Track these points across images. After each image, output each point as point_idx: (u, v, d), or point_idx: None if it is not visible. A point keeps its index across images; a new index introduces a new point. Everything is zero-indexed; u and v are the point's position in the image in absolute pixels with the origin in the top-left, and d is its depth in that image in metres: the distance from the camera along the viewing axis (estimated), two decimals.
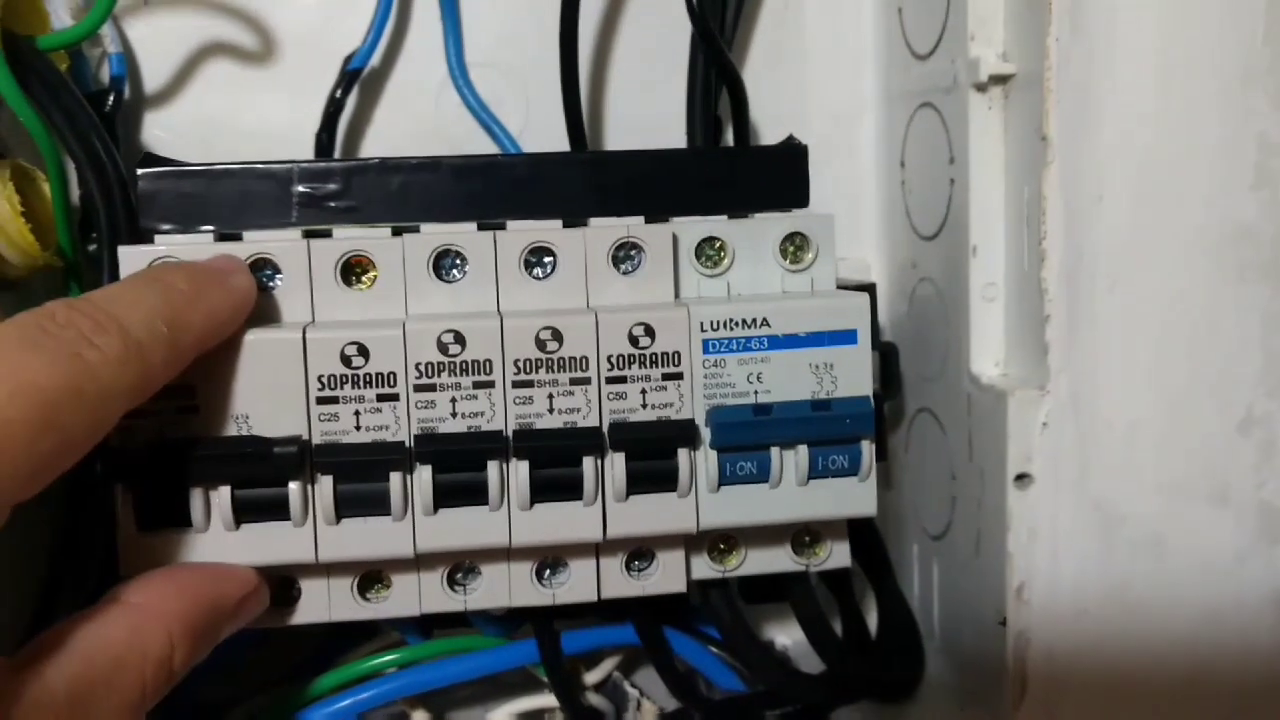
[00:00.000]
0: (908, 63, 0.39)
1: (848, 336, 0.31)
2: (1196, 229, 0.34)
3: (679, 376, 0.30)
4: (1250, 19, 0.34)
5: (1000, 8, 0.35)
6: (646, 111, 0.41)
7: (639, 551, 0.32)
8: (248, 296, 0.29)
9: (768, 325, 0.30)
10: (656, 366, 0.30)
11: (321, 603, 0.31)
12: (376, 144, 0.40)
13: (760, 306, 0.30)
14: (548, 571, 0.32)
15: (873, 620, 0.41)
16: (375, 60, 0.40)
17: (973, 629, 0.37)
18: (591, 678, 0.38)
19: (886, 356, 0.39)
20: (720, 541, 0.33)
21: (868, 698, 0.38)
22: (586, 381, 0.30)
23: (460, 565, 0.32)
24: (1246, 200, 0.34)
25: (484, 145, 0.40)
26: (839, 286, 0.37)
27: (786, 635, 0.43)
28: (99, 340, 0.24)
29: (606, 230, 0.31)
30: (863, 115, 0.43)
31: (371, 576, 0.31)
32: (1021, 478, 0.34)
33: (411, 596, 0.31)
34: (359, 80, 0.39)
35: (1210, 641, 0.36)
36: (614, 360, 0.30)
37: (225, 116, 0.39)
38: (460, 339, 0.29)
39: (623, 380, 0.30)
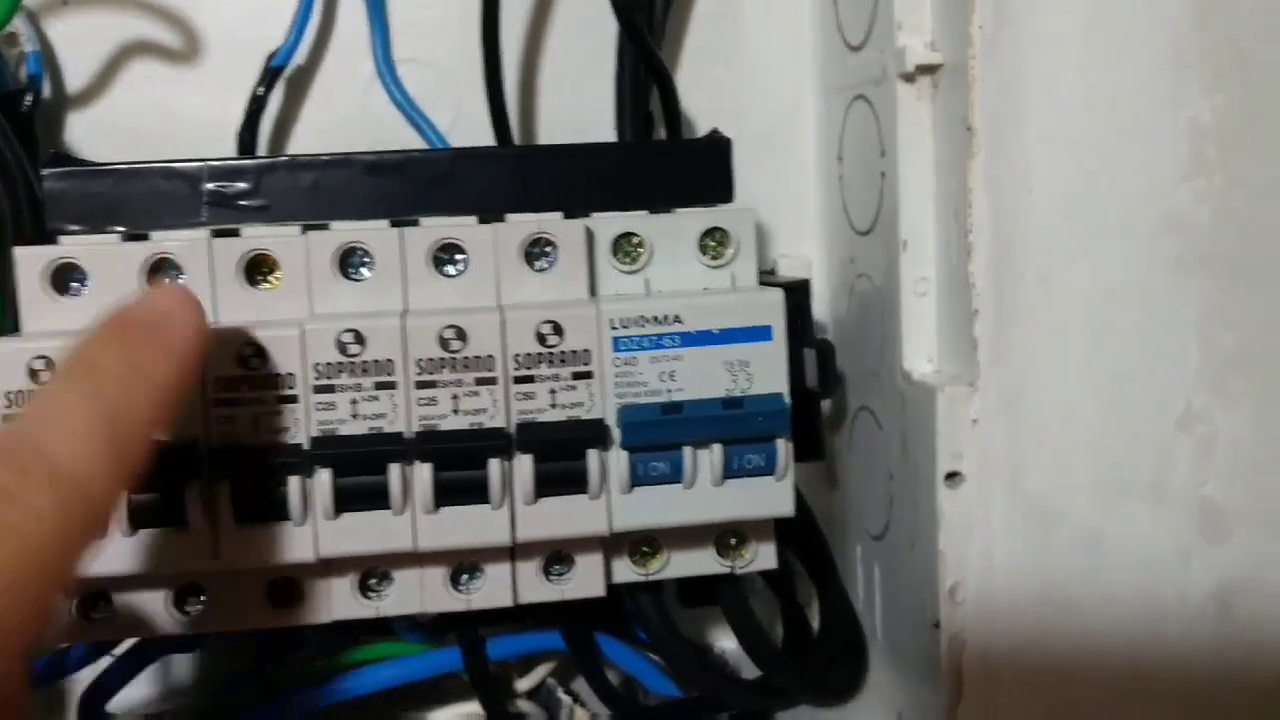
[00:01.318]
0: (843, 54, 0.39)
1: (762, 333, 0.30)
2: (1129, 219, 0.34)
3: (589, 375, 0.29)
4: (1179, 3, 0.33)
5: None
6: (579, 108, 0.40)
7: (557, 555, 0.31)
8: (195, 343, 0.24)
9: (680, 322, 0.30)
10: (565, 365, 0.29)
11: (232, 610, 0.30)
12: (304, 141, 0.40)
13: (672, 303, 0.30)
14: (465, 576, 0.31)
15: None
16: (301, 57, 0.39)
17: (911, 630, 0.36)
18: (523, 684, 0.37)
19: (823, 354, 0.38)
20: (643, 544, 0.32)
21: (805, 702, 0.37)
22: (492, 381, 0.29)
23: (372, 571, 0.31)
24: (1180, 189, 0.34)
25: (413, 142, 0.39)
26: (776, 283, 0.37)
27: (730, 639, 0.42)
28: (25, 493, 0.20)
29: (518, 226, 0.30)
30: (802, 109, 0.42)
31: (282, 584, 0.31)
32: (952, 476, 0.34)
33: (324, 604, 0.31)
34: (284, 77, 0.38)
35: (1151, 640, 0.35)
36: (521, 359, 0.29)
37: (149, 115, 0.39)
38: (360, 338, 0.29)
39: (530, 380, 0.29)
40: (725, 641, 0.42)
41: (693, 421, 0.29)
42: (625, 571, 0.32)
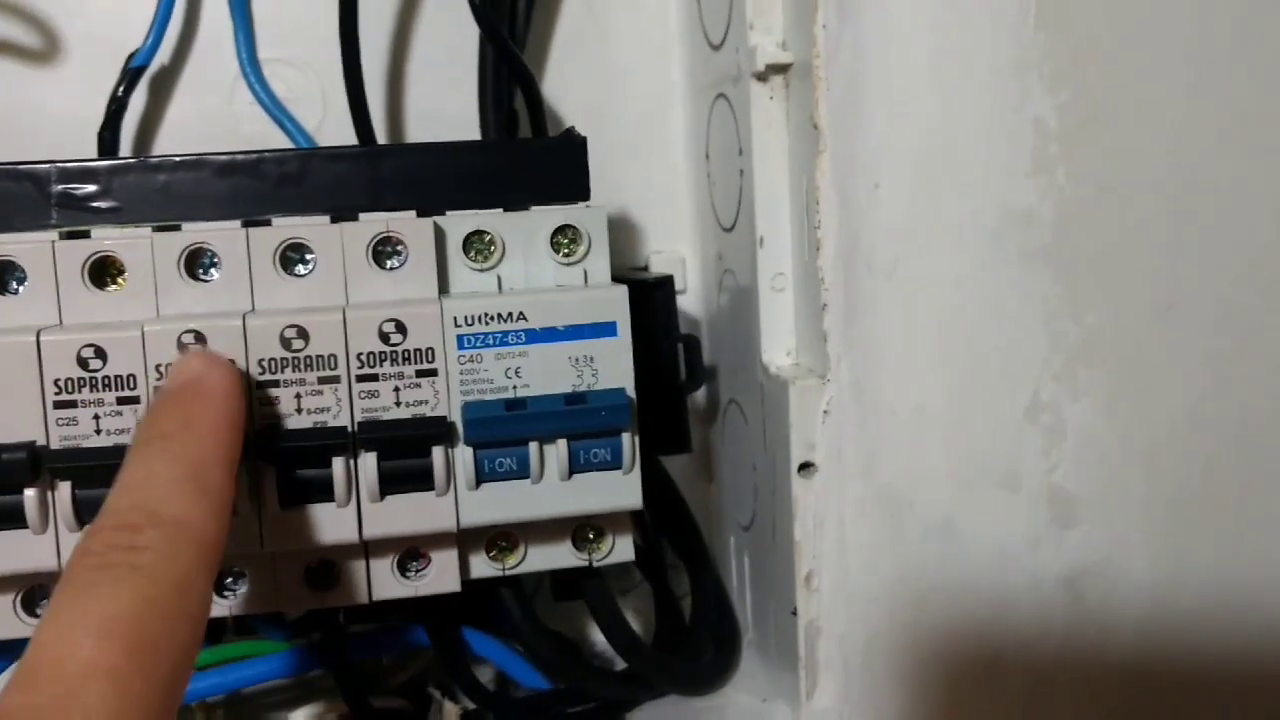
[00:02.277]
0: (706, 53, 0.39)
1: (607, 329, 0.30)
2: (975, 214, 0.34)
3: (433, 373, 0.30)
4: (1022, 4, 0.34)
5: None
6: (447, 107, 0.40)
7: (412, 552, 0.32)
8: (231, 391, 0.27)
9: (525, 319, 0.30)
10: (409, 363, 0.29)
11: None
12: (169, 142, 0.39)
13: (516, 300, 0.30)
14: (320, 575, 0.31)
15: None
16: (165, 57, 0.39)
17: (774, 618, 0.37)
18: (395, 680, 0.37)
19: (689, 348, 0.38)
20: (500, 539, 0.33)
21: (672, 691, 0.38)
22: (335, 380, 0.29)
23: (227, 571, 0.31)
24: (1025, 185, 0.35)
25: (280, 142, 0.39)
26: (643, 279, 0.38)
27: None
28: (141, 542, 0.23)
29: (365, 226, 0.31)
30: (671, 107, 0.42)
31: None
32: (805, 466, 0.34)
33: None
34: (147, 77, 0.38)
35: (1005, 624, 0.36)
36: (364, 358, 0.29)
37: (11, 116, 0.38)
38: (201, 339, 0.29)
39: (374, 378, 0.29)
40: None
41: (536, 417, 0.29)
42: (482, 567, 0.33)
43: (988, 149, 0.34)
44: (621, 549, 0.33)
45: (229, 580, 0.31)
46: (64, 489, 0.28)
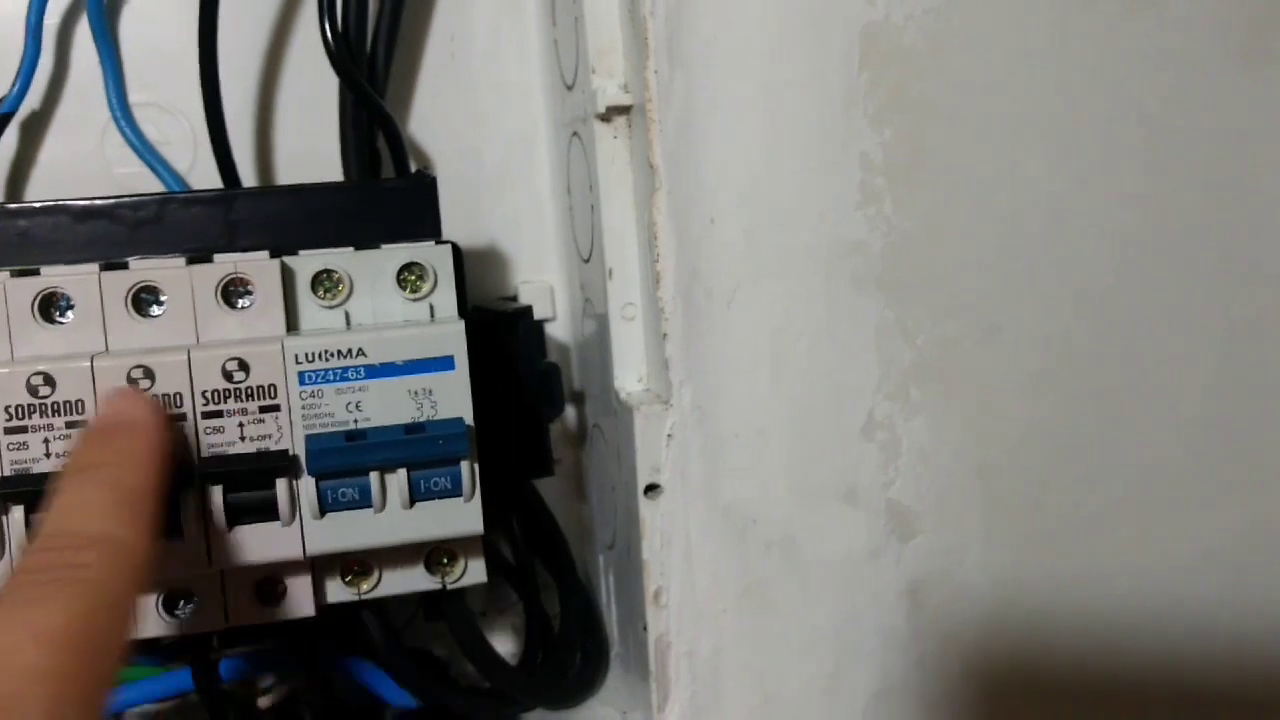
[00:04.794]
0: (562, 93, 0.41)
1: (445, 363, 0.32)
2: (808, 245, 0.36)
3: (276, 409, 0.31)
4: (846, 46, 0.36)
5: (619, 41, 0.37)
6: (315, 148, 0.41)
7: (268, 579, 0.33)
8: (153, 424, 0.29)
9: (364, 355, 0.31)
10: (253, 400, 0.31)
11: None
12: (42, 185, 0.40)
13: (356, 338, 0.31)
14: (181, 601, 0.33)
15: None
16: (35, 102, 0.40)
17: (633, 635, 0.39)
18: (264, 701, 0.39)
19: (549, 375, 0.40)
20: (354, 564, 0.34)
21: (535, 706, 0.39)
22: (182, 418, 0.30)
23: None
24: (854, 217, 0.37)
25: (152, 185, 0.40)
26: (504, 310, 0.39)
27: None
28: (82, 560, 0.25)
29: (214, 268, 0.32)
30: (535, 144, 0.44)
31: None
32: (652, 488, 0.36)
33: None
34: (15, 123, 0.39)
35: (850, 635, 0.38)
36: (209, 395, 0.31)
37: None
38: (50, 380, 0.30)
39: (219, 415, 0.31)
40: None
41: (375, 447, 0.31)
42: (338, 591, 0.34)
43: (817, 184, 0.36)
44: (474, 571, 0.35)
45: None
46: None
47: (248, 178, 0.41)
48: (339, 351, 0.31)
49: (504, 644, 0.44)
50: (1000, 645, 0.39)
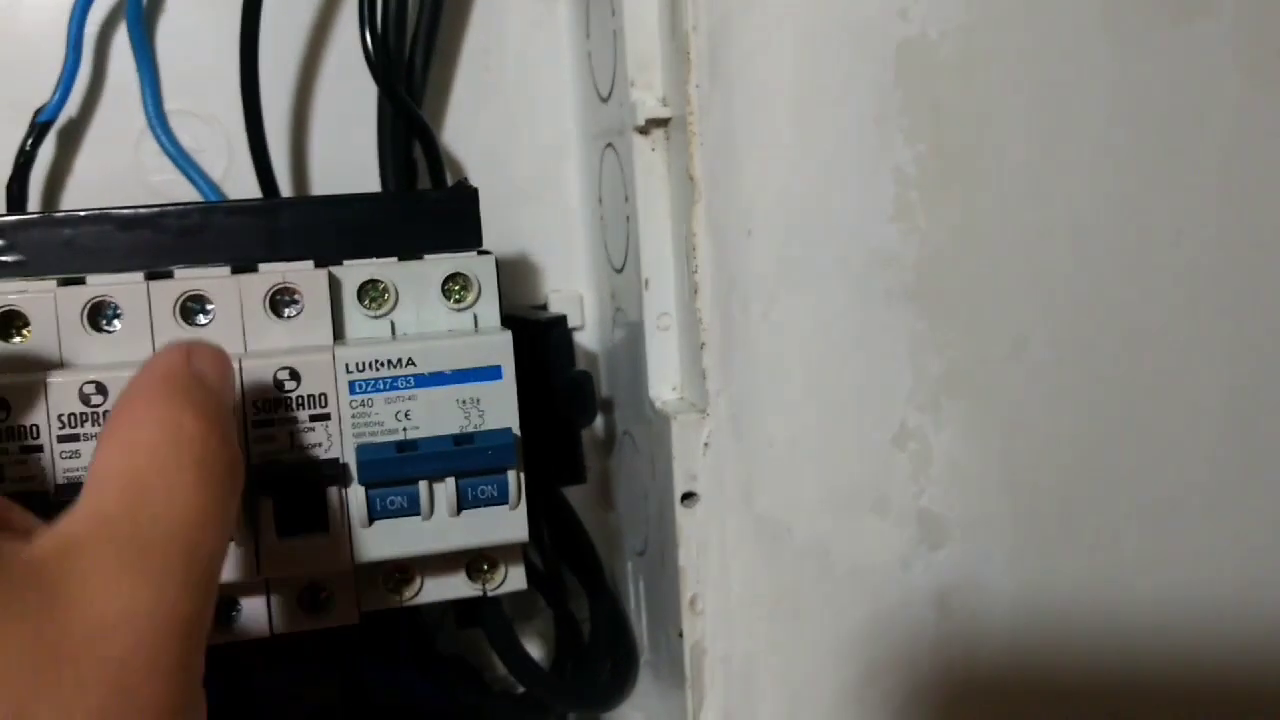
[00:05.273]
0: (596, 104, 0.41)
1: (493, 372, 0.32)
2: (841, 257, 0.37)
3: (326, 417, 0.31)
4: (882, 63, 0.36)
5: (658, 55, 0.37)
6: (351, 157, 0.42)
7: (311, 586, 0.33)
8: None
9: (414, 365, 0.32)
10: (304, 409, 0.31)
11: None
12: (78, 193, 0.41)
13: (405, 347, 0.32)
14: (231, 611, 0.33)
15: None
16: (73, 109, 0.40)
17: (664, 640, 0.39)
18: (301, 709, 0.39)
19: (581, 384, 0.40)
20: (396, 571, 0.34)
21: (569, 711, 0.40)
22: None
23: None
24: (887, 230, 0.37)
25: (187, 191, 0.40)
26: (538, 319, 0.40)
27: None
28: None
29: (262, 277, 0.32)
30: (567, 155, 0.45)
31: None
32: (688, 496, 0.36)
33: None
34: (53, 130, 0.39)
35: (880, 643, 0.39)
36: (260, 404, 0.31)
37: None
38: (103, 389, 0.30)
39: (270, 424, 0.31)
40: None
41: (425, 458, 0.31)
42: (381, 598, 0.34)
43: (852, 197, 0.37)
44: (514, 578, 0.35)
45: None
46: None
47: (284, 186, 0.41)
48: (389, 361, 0.32)
49: (531, 651, 0.44)
50: (1028, 652, 0.40)
